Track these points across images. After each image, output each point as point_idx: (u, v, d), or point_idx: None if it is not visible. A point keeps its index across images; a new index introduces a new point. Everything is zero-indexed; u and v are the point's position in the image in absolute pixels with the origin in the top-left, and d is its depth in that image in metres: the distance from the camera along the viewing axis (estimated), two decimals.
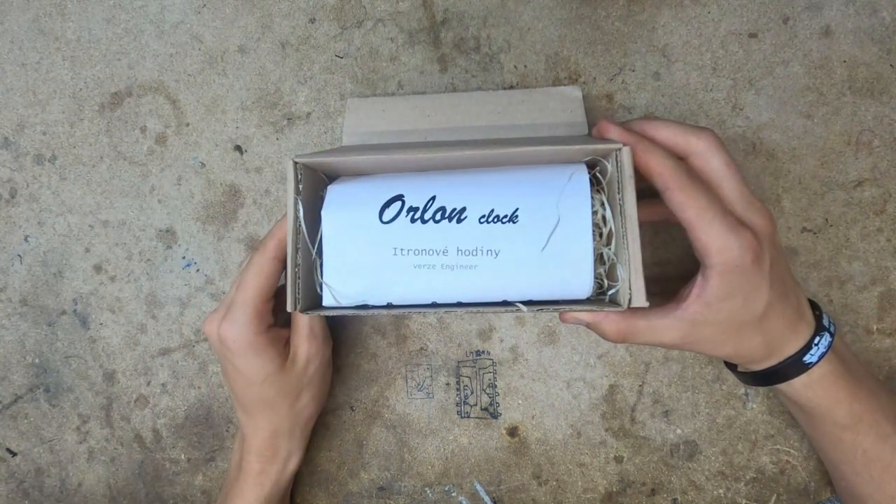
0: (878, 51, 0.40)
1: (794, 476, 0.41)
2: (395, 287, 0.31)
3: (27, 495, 0.45)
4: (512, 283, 0.31)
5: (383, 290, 0.31)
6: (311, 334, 0.37)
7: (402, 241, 0.30)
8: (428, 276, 0.30)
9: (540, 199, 0.30)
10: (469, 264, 0.30)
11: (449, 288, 0.31)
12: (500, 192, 0.30)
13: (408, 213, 0.30)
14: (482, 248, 0.30)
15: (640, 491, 0.42)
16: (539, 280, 0.31)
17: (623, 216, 0.29)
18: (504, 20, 0.42)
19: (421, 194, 0.30)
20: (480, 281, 0.30)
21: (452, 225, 0.30)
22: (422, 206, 0.30)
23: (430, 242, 0.30)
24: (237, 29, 0.43)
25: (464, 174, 0.32)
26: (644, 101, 0.41)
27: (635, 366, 0.42)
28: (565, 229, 0.30)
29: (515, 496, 0.42)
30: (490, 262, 0.30)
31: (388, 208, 0.30)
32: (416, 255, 0.30)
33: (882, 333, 0.41)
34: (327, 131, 0.43)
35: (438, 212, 0.30)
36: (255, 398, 0.37)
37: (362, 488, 0.43)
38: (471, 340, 0.43)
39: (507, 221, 0.30)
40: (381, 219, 0.30)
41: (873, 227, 0.41)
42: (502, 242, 0.30)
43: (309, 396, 0.38)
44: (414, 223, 0.30)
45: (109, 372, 0.44)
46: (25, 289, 0.44)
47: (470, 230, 0.30)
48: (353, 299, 0.31)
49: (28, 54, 0.44)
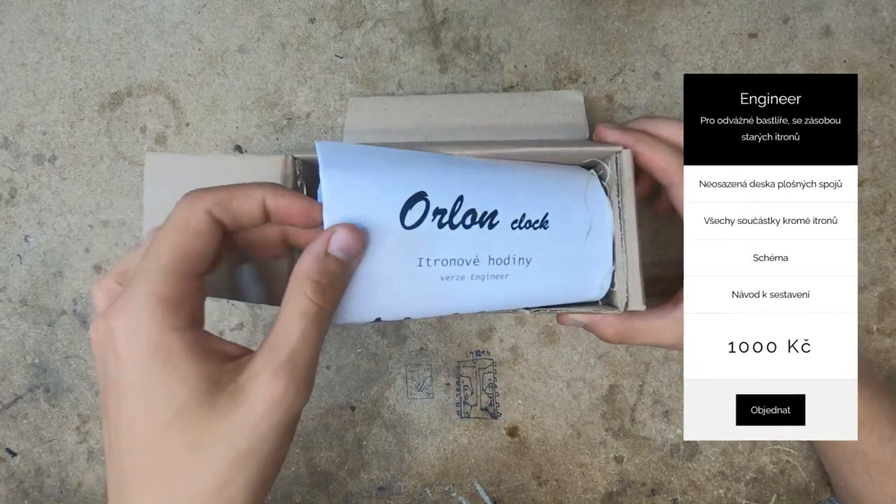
0: (878, 51, 0.40)
1: (794, 476, 0.41)
2: (416, 301, 0.27)
3: (27, 495, 0.45)
4: (538, 291, 0.29)
5: (403, 304, 0.27)
6: (290, 364, 0.22)
7: (429, 251, 0.26)
8: (455, 287, 0.27)
9: (566, 201, 0.29)
10: (500, 273, 0.28)
11: (475, 298, 0.28)
12: (529, 194, 0.29)
13: (434, 217, 0.26)
14: (515, 256, 0.28)
15: (640, 491, 0.42)
16: (565, 286, 0.30)
17: (622, 219, 0.29)
18: (504, 20, 0.42)
19: (446, 193, 0.26)
20: (510, 290, 0.28)
21: (485, 231, 0.27)
22: (449, 209, 0.26)
23: (462, 251, 0.27)
24: (237, 29, 0.43)
25: (482, 170, 0.29)
26: (644, 101, 0.41)
27: (635, 366, 0.42)
28: (594, 233, 0.30)
29: (515, 496, 0.42)
30: (521, 270, 0.28)
31: (411, 210, 0.26)
32: (444, 266, 0.26)
33: (882, 333, 0.41)
34: (327, 131, 0.43)
35: (468, 215, 0.27)
36: (145, 456, 0.20)
37: (362, 488, 0.43)
38: (471, 340, 0.43)
39: (539, 227, 0.28)
40: (404, 223, 0.26)
41: (873, 227, 0.41)
42: (534, 249, 0.28)
43: (244, 479, 0.21)
44: (442, 228, 0.26)
45: None
46: (25, 289, 0.44)
47: (504, 237, 0.28)
48: (364, 316, 0.27)
49: (28, 54, 0.44)
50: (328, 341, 0.43)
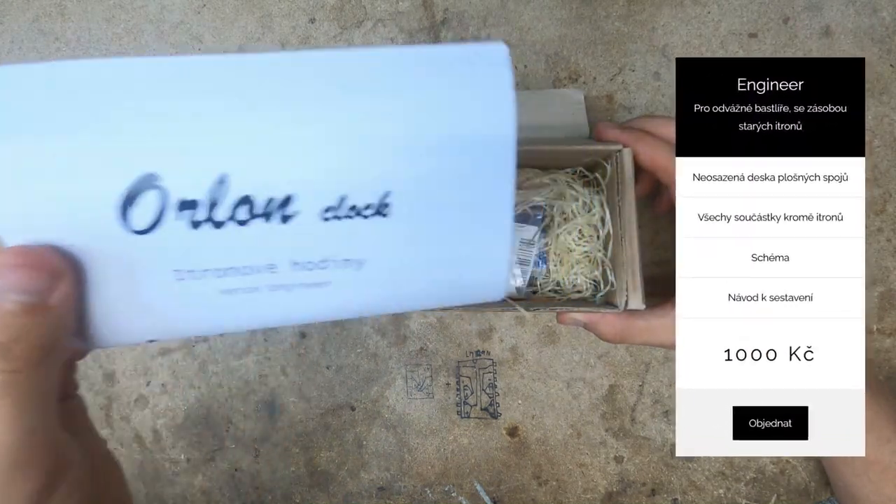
0: (878, 51, 0.40)
1: (794, 476, 0.41)
2: (197, 321, 0.20)
3: None
4: (388, 300, 0.22)
5: (178, 324, 0.20)
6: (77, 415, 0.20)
7: (185, 260, 0.18)
8: (247, 300, 0.19)
9: (428, 167, 0.19)
10: (315, 281, 0.20)
11: (289, 310, 0.20)
12: (354, 162, 0.18)
13: (181, 213, 0.17)
14: (334, 257, 0.20)
15: (640, 491, 0.42)
16: (431, 291, 0.22)
17: (622, 218, 0.29)
18: (504, 20, 0.42)
19: (197, 170, 0.17)
20: (338, 300, 0.21)
21: (275, 226, 0.18)
22: (205, 199, 0.17)
23: (243, 257, 0.18)
24: (237, 29, 0.43)
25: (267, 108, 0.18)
26: (644, 101, 0.41)
27: (635, 366, 0.42)
28: (479, 213, 0.20)
29: (515, 496, 0.42)
30: (350, 276, 0.20)
31: (136, 207, 0.17)
32: (219, 278, 0.19)
33: (882, 333, 0.41)
34: None
35: (242, 206, 0.17)
36: None
37: (362, 488, 0.43)
38: (471, 340, 0.43)
39: (374, 215, 0.19)
40: (130, 226, 0.17)
41: (873, 227, 0.41)
42: (368, 247, 0.20)
43: None
44: (199, 228, 0.17)
45: (109, 372, 0.44)
46: None
47: (310, 232, 0.19)
48: (131, 339, 0.20)
49: (28, 54, 0.44)
50: (329, 341, 0.43)
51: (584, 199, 0.33)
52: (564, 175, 0.34)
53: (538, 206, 0.34)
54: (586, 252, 0.34)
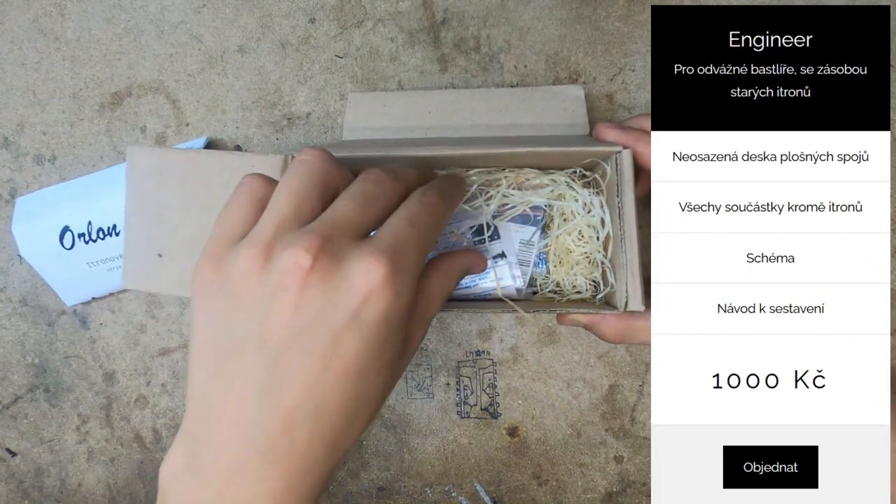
0: None
1: None
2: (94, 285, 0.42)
3: (27, 495, 0.45)
4: None
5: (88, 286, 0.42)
6: (392, 250, 0.20)
7: (90, 258, 0.41)
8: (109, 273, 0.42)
9: None
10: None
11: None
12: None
13: (78, 238, 0.40)
14: None
15: (640, 491, 0.42)
16: None
17: (622, 219, 0.29)
18: (504, 20, 0.42)
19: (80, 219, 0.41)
20: None
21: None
22: (84, 231, 0.40)
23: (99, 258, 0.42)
24: (237, 29, 0.43)
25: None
26: (644, 101, 0.41)
27: (635, 366, 0.42)
28: None
29: (515, 496, 0.42)
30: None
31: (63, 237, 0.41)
32: (93, 265, 0.41)
33: None
34: (327, 131, 0.43)
35: (100, 234, 0.40)
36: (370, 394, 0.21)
37: (362, 488, 0.43)
38: (471, 340, 0.43)
39: None
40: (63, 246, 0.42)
41: None
42: None
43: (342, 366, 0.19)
44: (88, 244, 0.41)
45: (109, 372, 0.44)
46: (25, 289, 0.44)
47: None
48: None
49: (28, 54, 0.44)
50: None
51: (583, 200, 0.33)
52: (564, 176, 0.34)
53: (538, 206, 0.34)
54: (586, 253, 0.34)
